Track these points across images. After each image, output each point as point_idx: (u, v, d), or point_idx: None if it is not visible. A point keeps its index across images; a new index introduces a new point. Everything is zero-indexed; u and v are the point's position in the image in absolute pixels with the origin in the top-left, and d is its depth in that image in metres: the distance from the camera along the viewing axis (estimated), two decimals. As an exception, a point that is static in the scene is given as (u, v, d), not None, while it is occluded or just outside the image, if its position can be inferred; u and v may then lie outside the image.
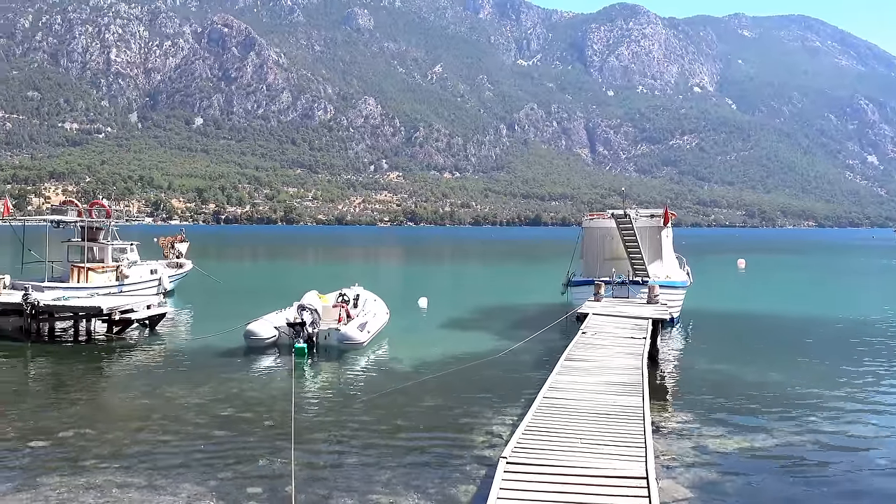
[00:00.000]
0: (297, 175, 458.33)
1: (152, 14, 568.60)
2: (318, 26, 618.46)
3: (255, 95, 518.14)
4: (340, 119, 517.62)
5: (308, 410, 14.16)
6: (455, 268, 73.62)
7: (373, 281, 33.60)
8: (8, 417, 13.60)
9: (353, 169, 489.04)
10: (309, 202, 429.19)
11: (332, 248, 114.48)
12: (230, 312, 27.64)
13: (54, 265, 31.32)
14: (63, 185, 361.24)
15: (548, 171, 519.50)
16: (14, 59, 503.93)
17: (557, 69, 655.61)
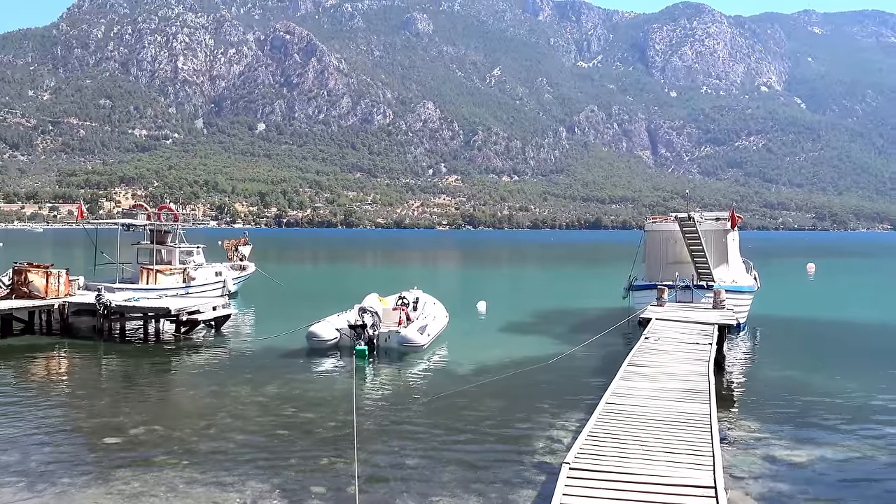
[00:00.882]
0: (356, 179, 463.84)
1: (217, 23, 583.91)
2: (377, 32, 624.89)
3: (315, 101, 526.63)
4: (399, 123, 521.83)
5: (369, 412, 14.26)
6: (513, 271, 73.32)
7: (431, 284, 33.70)
8: (84, 414, 14.13)
9: (412, 173, 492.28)
10: (368, 206, 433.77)
11: (391, 251, 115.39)
12: (292, 314, 28.14)
13: (125, 267, 32.31)
14: (132, 189, 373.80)
15: (608, 173, 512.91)
16: (87, 68, 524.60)
17: (618, 70, 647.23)
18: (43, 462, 11.00)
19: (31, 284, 24.21)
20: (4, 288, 24.82)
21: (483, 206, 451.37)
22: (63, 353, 20.98)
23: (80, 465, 10.90)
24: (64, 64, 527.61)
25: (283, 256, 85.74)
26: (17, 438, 12.22)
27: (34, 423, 13.31)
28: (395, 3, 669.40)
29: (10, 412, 14.06)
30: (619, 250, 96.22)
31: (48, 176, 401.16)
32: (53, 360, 20.30)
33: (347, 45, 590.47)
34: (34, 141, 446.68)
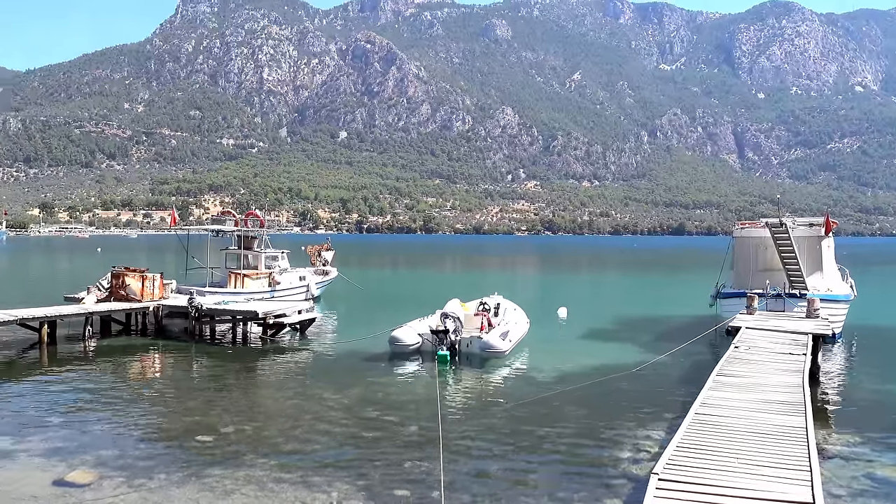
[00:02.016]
0: (435, 185, 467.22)
1: (301, 34, 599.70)
2: (456, 39, 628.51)
3: (395, 108, 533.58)
4: (478, 129, 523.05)
5: (452, 416, 14.28)
6: (594, 277, 72.25)
7: (511, 290, 33.54)
8: (178, 412, 14.69)
9: (491, 178, 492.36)
10: (447, 211, 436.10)
11: (470, 256, 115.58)
12: (373, 318, 28.51)
13: (214, 271, 33.41)
14: (220, 196, 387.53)
15: (692, 178, 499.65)
16: (179, 81, 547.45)
17: (702, 72, 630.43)
18: (141, 458, 11.48)
19: (129, 288, 25.38)
20: (104, 291, 26.08)
21: (562, 211, 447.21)
22: (157, 354, 21.88)
23: (176, 461, 11.32)
24: (157, 77, 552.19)
25: (364, 261, 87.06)
26: (116, 435, 12.80)
27: (132, 420, 13.91)
28: (474, 11, 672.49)
29: (110, 409, 14.75)
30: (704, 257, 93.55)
31: (142, 184, 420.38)
32: (148, 360, 21.19)
33: (427, 52, 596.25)
34: (129, 151, 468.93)
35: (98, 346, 22.43)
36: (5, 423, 13.37)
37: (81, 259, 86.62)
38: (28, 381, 17.34)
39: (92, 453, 11.57)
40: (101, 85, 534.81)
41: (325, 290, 39.12)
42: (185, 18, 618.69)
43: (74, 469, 10.71)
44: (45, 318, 21.99)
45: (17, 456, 11.41)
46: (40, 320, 21.85)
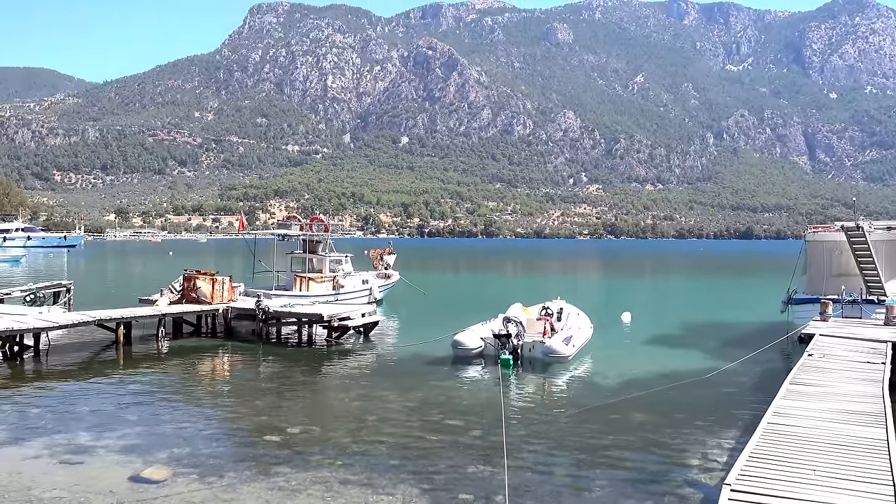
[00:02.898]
0: (496, 189, 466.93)
1: (364, 42, 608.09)
2: (517, 43, 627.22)
3: (457, 113, 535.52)
4: (539, 133, 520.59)
5: (515, 421, 14.20)
6: (659, 282, 70.93)
7: (573, 294, 33.22)
8: (246, 412, 15.02)
9: (552, 182, 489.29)
10: (508, 215, 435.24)
11: (532, 260, 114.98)
12: (435, 322, 28.62)
13: (279, 275, 34.08)
14: (286, 201, 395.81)
15: (760, 180, 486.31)
16: (246, 89, 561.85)
17: (771, 72, 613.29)
18: (211, 456, 11.78)
19: (199, 290, 26.10)
20: (176, 293, 26.90)
21: (625, 215, 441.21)
22: (226, 355, 22.45)
23: (245, 460, 11.57)
24: (225, 86, 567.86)
25: (426, 265, 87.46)
26: (188, 433, 13.16)
27: (203, 419, 14.30)
28: (535, 15, 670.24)
29: (182, 408, 15.20)
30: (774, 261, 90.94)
31: (211, 190, 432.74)
32: (218, 361, 21.76)
33: (488, 57, 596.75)
34: (199, 158, 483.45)
35: (170, 347, 23.13)
36: (84, 420, 13.90)
37: (154, 262, 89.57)
38: (105, 380, 18.00)
39: (165, 450, 11.94)
40: (173, 95, 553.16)
41: (387, 293, 39.44)
42: (252, 29, 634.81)
43: (149, 466, 11.05)
44: (121, 319, 22.79)
45: (96, 451, 11.85)
46: (117, 321, 22.66)
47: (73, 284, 33.19)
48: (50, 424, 13.51)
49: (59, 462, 11.31)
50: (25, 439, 12.47)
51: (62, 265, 77.06)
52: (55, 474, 10.75)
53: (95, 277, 60.91)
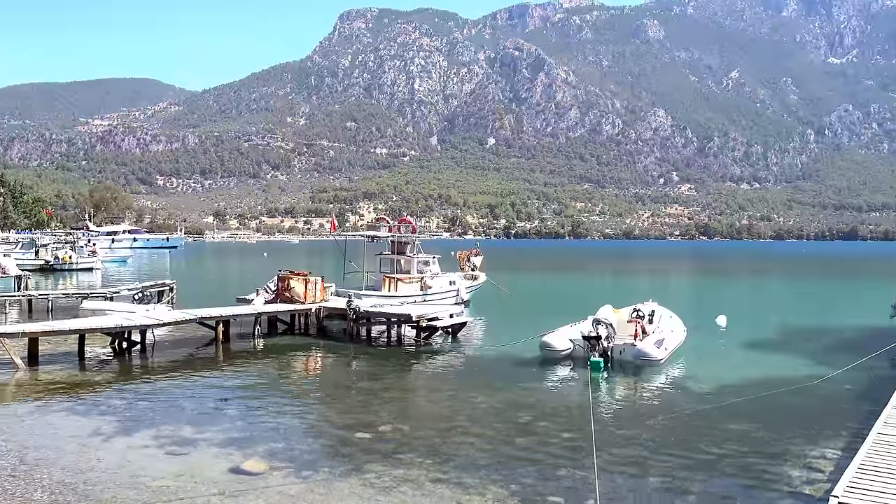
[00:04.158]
0: (584, 190, 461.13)
1: (451, 44, 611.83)
2: (606, 42, 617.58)
3: (543, 114, 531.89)
4: (629, 132, 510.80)
5: (606, 424, 13.98)
6: (755, 284, 68.24)
7: (665, 296, 32.37)
8: (338, 409, 15.38)
9: (642, 182, 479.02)
10: (596, 216, 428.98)
11: (621, 262, 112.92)
12: (522, 324, 28.49)
13: (369, 275, 34.69)
14: (374, 203, 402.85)
15: (865, 178, 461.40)
16: (336, 94, 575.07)
17: (878, 65, 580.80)
18: (306, 451, 12.13)
19: (293, 290, 26.86)
20: (271, 293, 27.78)
21: (719, 215, 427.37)
22: (318, 353, 23.03)
23: (338, 456, 11.85)
24: (316, 92, 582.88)
25: (512, 266, 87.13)
26: (284, 428, 13.59)
27: (297, 415, 14.73)
28: (625, 12, 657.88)
29: (277, 404, 15.70)
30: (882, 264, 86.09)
31: (303, 193, 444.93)
32: (311, 359, 22.35)
33: (575, 56, 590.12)
34: (292, 162, 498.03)
35: (266, 345, 23.89)
36: (186, 413, 14.55)
37: (249, 262, 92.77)
38: (206, 375, 18.79)
39: (263, 444, 12.35)
40: (266, 101, 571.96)
41: (474, 294, 39.52)
42: (342, 35, 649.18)
43: (248, 458, 11.47)
44: (220, 317, 23.73)
45: (198, 444, 12.38)
46: (216, 319, 23.60)
47: (176, 284, 34.89)
48: (156, 417, 14.21)
49: (165, 452, 11.88)
50: (134, 430, 13.17)
51: (165, 265, 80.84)
52: (161, 464, 11.30)
53: (195, 277, 63.62)
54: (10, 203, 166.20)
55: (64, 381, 17.47)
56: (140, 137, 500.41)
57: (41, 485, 10.21)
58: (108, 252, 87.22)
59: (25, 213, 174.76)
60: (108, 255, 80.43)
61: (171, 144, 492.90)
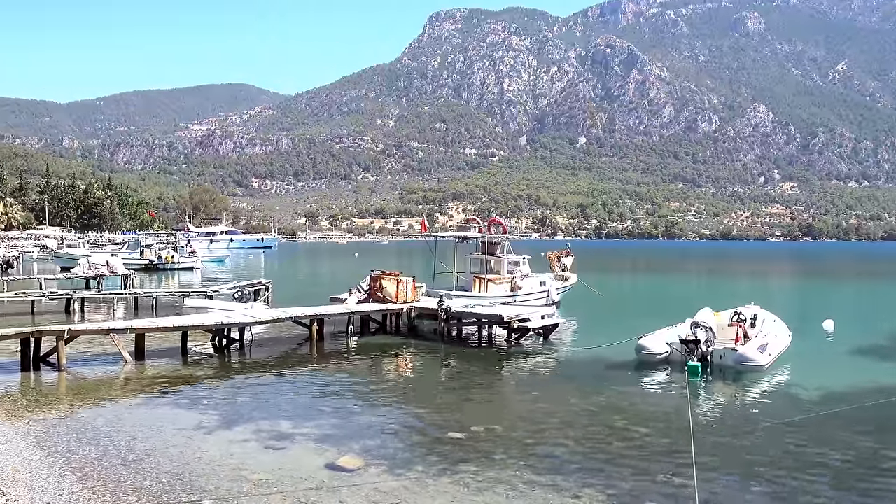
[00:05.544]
0: (679, 189, 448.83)
1: (540, 43, 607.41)
2: (702, 36, 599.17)
3: (636, 112, 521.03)
4: (726, 129, 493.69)
5: (705, 431, 13.47)
6: (865, 288, 64.46)
7: (768, 299, 31.02)
8: (430, 408, 15.43)
9: (741, 181, 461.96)
10: (692, 216, 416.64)
11: (719, 263, 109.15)
12: (615, 326, 27.93)
13: (459, 276, 34.74)
14: (463, 204, 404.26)
15: None
16: (425, 96, 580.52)
17: None
18: (400, 449, 12.22)
19: (385, 290, 27.24)
20: (363, 293, 28.25)
21: (824, 215, 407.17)
22: (409, 352, 23.21)
23: (431, 455, 11.88)
24: (406, 94, 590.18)
25: (604, 268, 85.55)
26: (377, 425, 13.74)
27: (390, 413, 14.87)
28: (723, 5, 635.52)
29: (370, 402, 15.93)
30: None
31: (392, 194, 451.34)
32: (402, 358, 22.54)
33: (670, 52, 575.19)
34: (381, 163, 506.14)
35: (358, 344, 24.30)
36: (284, 409, 14.94)
37: (341, 262, 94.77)
38: (301, 372, 19.28)
39: (357, 441, 12.53)
40: (357, 104, 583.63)
41: (565, 295, 39.00)
42: (431, 36, 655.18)
43: (343, 455, 11.65)
44: (315, 316, 24.31)
45: (295, 439, 12.68)
46: (311, 318, 24.19)
47: (272, 283, 35.98)
48: (255, 412, 14.66)
49: (264, 447, 12.22)
50: (234, 424, 13.61)
51: (260, 265, 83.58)
52: (261, 457, 11.62)
53: (289, 277, 65.45)
54: (117, 205, 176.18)
55: (168, 376, 18.28)
56: (236, 141, 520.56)
57: (150, 474, 10.66)
58: (207, 252, 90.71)
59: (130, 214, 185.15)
60: (207, 255, 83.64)
61: (265, 147, 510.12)
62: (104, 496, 9.66)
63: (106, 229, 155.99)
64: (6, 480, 9.89)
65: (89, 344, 21.84)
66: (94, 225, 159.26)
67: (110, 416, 14.12)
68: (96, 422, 13.66)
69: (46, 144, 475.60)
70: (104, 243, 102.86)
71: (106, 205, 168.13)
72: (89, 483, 10.17)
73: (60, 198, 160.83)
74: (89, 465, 11.02)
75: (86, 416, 14.15)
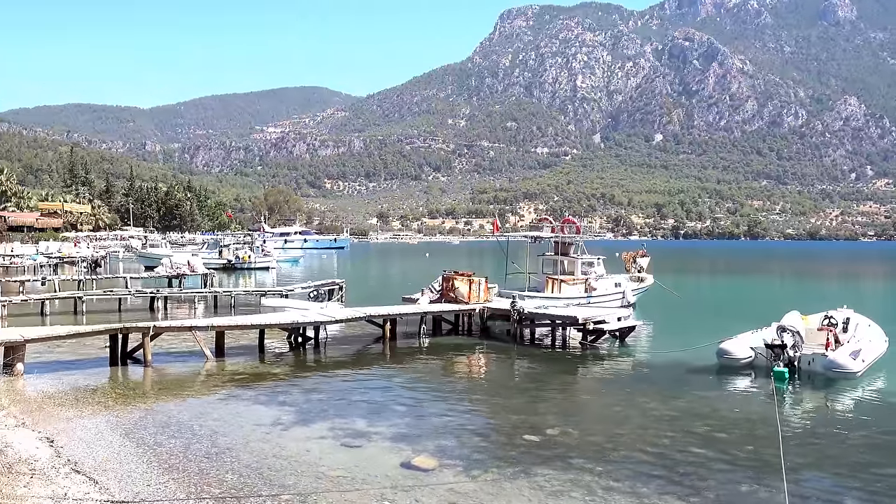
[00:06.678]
0: (762, 187, 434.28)
1: (615, 38, 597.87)
2: (788, 26, 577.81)
3: (716, 107, 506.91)
4: (814, 124, 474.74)
5: (794, 440, 12.87)
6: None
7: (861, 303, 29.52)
8: (504, 410, 15.29)
9: (830, 178, 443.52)
10: (776, 215, 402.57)
11: (806, 264, 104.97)
12: (693, 329, 27.20)
13: (531, 276, 34.40)
14: (535, 203, 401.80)
15: None
16: (496, 94, 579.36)
17: None
18: (475, 450, 12.12)
19: (457, 290, 27.19)
20: (435, 293, 28.28)
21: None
22: (482, 353, 23.11)
23: (506, 457, 11.74)
24: (477, 93, 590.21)
25: (682, 269, 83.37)
26: (451, 426, 13.69)
27: (463, 414, 14.81)
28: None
29: (444, 402, 15.89)
30: None
31: (463, 194, 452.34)
32: (475, 359, 22.45)
33: (752, 44, 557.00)
34: (452, 163, 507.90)
35: (430, 344, 24.34)
36: (358, 408, 15.05)
37: (412, 263, 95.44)
38: (375, 371, 19.47)
39: (432, 441, 12.51)
40: (428, 104, 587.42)
41: (640, 297, 38.13)
42: (502, 34, 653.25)
43: (418, 454, 11.64)
44: (388, 315, 24.49)
45: (370, 437, 12.75)
46: (384, 317, 24.37)
47: (345, 283, 36.46)
48: (330, 409, 14.83)
49: (340, 444, 12.33)
50: (311, 421, 13.80)
51: (332, 265, 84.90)
52: (337, 454, 11.73)
53: (361, 276, 66.25)
54: (196, 206, 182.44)
55: (247, 373, 18.72)
56: (309, 143, 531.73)
57: (231, 468, 10.89)
58: (282, 252, 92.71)
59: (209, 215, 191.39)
60: (282, 255, 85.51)
61: (337, 149, 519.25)
62: (188, 487, 9.92)
63: (186, 230, 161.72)
64: (98, 470, 10.26)
65: (172, 340, 22.57)
66: (175, 226, 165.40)
67: (193, 411, 14.53)
68: (180, 416, 14.07)
69: (130, 148, 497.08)
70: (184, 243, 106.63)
71: (186, 206, 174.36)
72: (175, 474, 10.46)
73: (144, 200, 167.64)
74: (174, 457, 11.35)
75: (170, 409, 14.60)
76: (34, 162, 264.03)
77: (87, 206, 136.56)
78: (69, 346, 21.10)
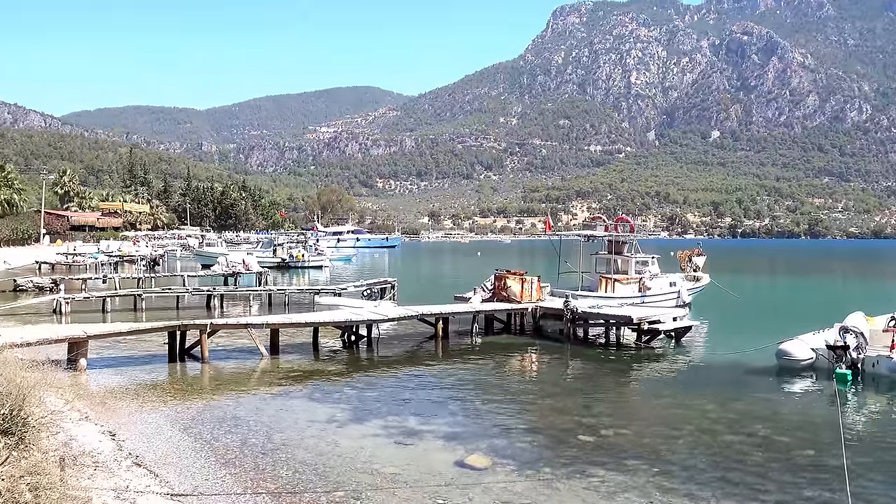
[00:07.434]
0: (824, 184, 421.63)
1: (670, 33, 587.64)
2: (852, 18, 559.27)
3: (776, 102, 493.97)
4: (879, 119, 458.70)
5: (857, 445, 12.47)
6: None
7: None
8: (557, 410, 15.18)
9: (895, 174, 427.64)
10: (838, 213, 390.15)
11: (870, 264, 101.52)
12: (752, 329, 26.59)
13: (584, 275, 34.07)
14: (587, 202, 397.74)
15: None
16: (549, 92, 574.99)
17: None
18: (528, 450, 12.08)
19: (509, 290, 27.12)
20: (488, 292, 28.25)
21: None
22: (535, 352, 22.98)
23: (560, 457, 11.66)
24: (529, 91, 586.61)
25: (739, 268, 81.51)
26: (504, 425, 13.67)
27: (516, 413, 14.78)
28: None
29: (497, 401, 15.87)
30: None
31: (515, 192, 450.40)
32: (527, 358, 22.37)
33: (814, 37, 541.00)
34: (504, 162, 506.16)
35: (483, 343, 24.30)
36: (412, 406, 15.14)
37: (463, 262, 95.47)
38: (427, 370, 19.50)
39: (484, 440, 12.50)
40: (479, 102, 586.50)
41: (696, 296, 37.42)
42: (555, 31, 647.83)
43: (471, 453, 11.64)
44: (440, 314, 24.56)
45: (424, 435, 12.81)
46: (436, 316, 24.45)
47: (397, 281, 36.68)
48: (383, 407, 14.94)
49: (393, 442, 12.43)
50: (365, 419, 13.93)
51: (384, 264, 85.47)
52: (390, 452, 11.82)
53: (412, 275, 66.54)
54: (251, 206, 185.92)
55: (301, 370, 18.99)
56: (362, 143, 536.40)
57: (286, 463, 11.08)
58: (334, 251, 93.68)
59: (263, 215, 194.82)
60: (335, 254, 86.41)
61: (389, 148, 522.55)
62: (245, 482, 10.12)
63: (241, 229, 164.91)
64: (159, 463, 10.55)
65: (228, 338, 23.03)
66: (231, 225, 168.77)
67: (249, 407, 14.81)
68: (237, 411, 14.36)
69: (187, 149, 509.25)
70: (240, 242, 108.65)
71: (241, 206, 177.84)
72: (231, 469, 10.69)
73: (200, 199, 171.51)
74: (231, 451, 11.59)
75: (227, 405, 14.91)
76: (95, 163, 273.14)
77: (145, 205, 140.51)
78: (129, 342, 21.73)
